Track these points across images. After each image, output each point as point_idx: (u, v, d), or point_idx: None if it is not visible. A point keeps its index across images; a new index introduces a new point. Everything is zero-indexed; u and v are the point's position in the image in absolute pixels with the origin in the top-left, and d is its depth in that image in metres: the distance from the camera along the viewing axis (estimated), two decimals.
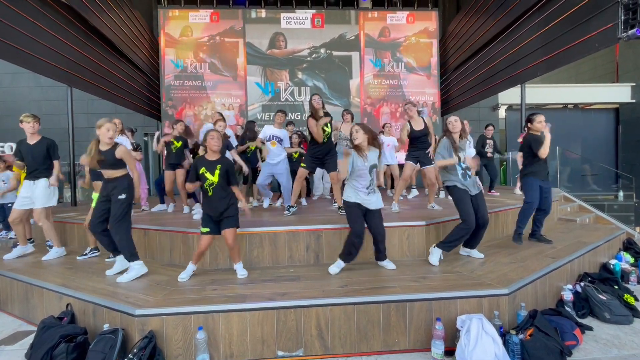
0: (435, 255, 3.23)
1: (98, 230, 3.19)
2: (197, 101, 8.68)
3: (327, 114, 4.15)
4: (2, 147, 8.50)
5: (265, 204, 4.99)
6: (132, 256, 3.09)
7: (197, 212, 4.21)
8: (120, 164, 3.11)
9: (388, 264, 3.18)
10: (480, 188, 3.30)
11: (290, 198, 4.44)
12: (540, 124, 3.70)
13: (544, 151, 3.60)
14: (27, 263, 3.74)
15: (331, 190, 5.43)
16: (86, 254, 3.83)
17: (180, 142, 4.82)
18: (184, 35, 8.68)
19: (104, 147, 3.09)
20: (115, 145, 3.12)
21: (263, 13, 8.86)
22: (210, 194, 2.94)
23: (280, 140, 4.61)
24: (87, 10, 5.52)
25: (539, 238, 3.94)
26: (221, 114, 4.83)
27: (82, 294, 2.76)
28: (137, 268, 3.10)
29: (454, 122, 3.28)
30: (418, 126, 4.44)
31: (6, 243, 4.99)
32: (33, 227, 4.54)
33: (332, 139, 4.47)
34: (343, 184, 3.29)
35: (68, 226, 4.48)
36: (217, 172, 2.93)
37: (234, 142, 4.75)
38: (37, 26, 4.60)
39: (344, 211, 4.04)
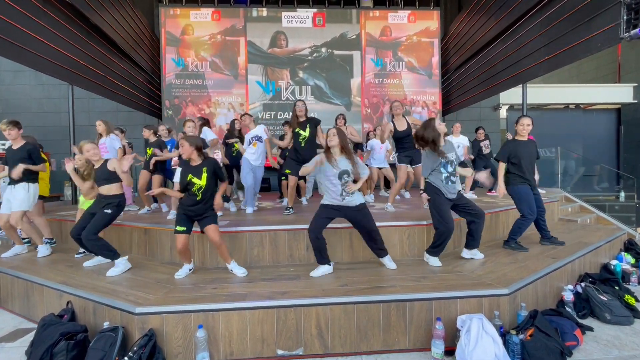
0: (432, 260, 3.23)
1: (75, 237, 3.27)
2: (199, 100, 8.68)
3: (311, 119, 4.22)
4: (3, 145, 8.51)
5: (249, 210, 4.60)
6: (114, 255, 3.22)
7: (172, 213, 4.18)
8: (114, 177, 3.25)
9: (389, 263, 3.15)
10: (460, 193, 3.24)
11: (252, 200, 4.61)
12: (523, 127, 3.63)
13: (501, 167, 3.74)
14: (28, 261, 3.75)
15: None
16: (81, 253, 3.82)
17: (151, 149, 4.73)
18: (185, 33, 8.67)
19: (96, 165, 3.30)
20: (106, 160, 3.29)
21: (264, 12, 8.85)
22: (199, 197, 2.95)
23: (259, 139, 4.53)
24: (89, 9, 5.52)
25: (553, 241, 3.89)
26: (192, 119, 4.80)
27: (82, 292, 2.77)
28: (123, 264, 3.23)
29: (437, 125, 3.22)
30: (401, 127, 4.43)
31: (7, 241, 4.99)
32: (32, 225, 4.53)
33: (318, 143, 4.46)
34: None
35: (69, 224, 4.48)
36: (204, 175, 2.95)
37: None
38: (39, 24, 4.60)
39: (287, 212, 4.19)
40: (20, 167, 3.72)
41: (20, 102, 8.98)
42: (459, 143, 5.79)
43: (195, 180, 2.94)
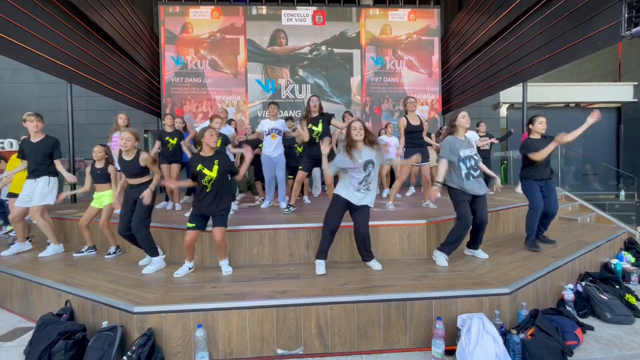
0: (440, 257, 3.22)
1: (125, 233, 3.30)
2: (198, 98, 8.66)
3: (324, 114, 4.19)
4: (2, 143, 8.48)
5: (265, 204, 4.75)
6: (153, 253, 3.25)
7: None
8: (144, 171, 3.23)
9: (374, 264, 3.13)
10: (485, 190, 3.20)
11: (284, 191, 4.56)
12: (541, 125, 3.65)
13: (539, 155, 3.52)
14: (27, 259, 3.73)
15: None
16: (82, 252, 3.82)
17: (175, 139, 4.81)
18: (184, 31, 8.64)
19: (127, 157, 3.20)
20: (138, 153, 3.20)
21: (264, 10, 8.82)
22: (209, 190, 2.96)
23: (279, 132, 4.61)
24: (87, 7, 5.50)
25: (542, 239, 3.89)
26: (219, 115, 4.81)
27: (81, 291, 2.75)
28: (159, 262, 3.26)
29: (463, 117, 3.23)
30: (414, 121, 4.44)
31: (5, 240, 4.98)
32: (32, 224, 4.52)
33: (332, 139, 4.46)
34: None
35: (68, 223, 4.47)
36: (215, 167, 2.96)
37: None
38: (38, 22, 4.57)
39: (287, 210, 4.19)
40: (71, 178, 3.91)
41: (18, 100, 8.96)
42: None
43: (205, 171, 2.95)
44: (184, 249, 3.09)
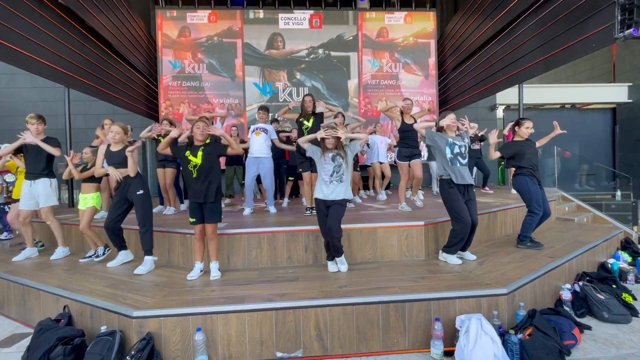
0: (451, 258, 3.25)
1: (112, 227, 3.39)
2: (195, 102, 8.67)
3: (317, 114, 4.33)
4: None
5: (247, 212, 4.51)
6: (150, 250, 3.33)
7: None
8: (127, 162, 3.32)
9: (332, 266, 3.18)
10: (472, 181, 3.24)
11: (272, 199, 4.68)
12: (527, 130, 3.75)
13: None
14: (24, 265, 3.71)
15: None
16: (90, 257, 3.79)
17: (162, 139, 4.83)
18: (181, 35, 8.66)
19: (114, 148, 3.38)
20: (126, 146, 3.37)
21: (261, 13, 8.85)
22: (194, 175, 3.02)
23: (265, 131, 4.58)
24: (84, 11, 5.50)
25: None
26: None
27: (79, 296, 2.74)
28: (150, 263, 3.33)
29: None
30: (409, 121, 4.49)
31: (4, 245, 4.95)
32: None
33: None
34: None
35: (65, 227, 4.44)
36: (199, 153, 3.02)
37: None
38: (34, 27, 4.57)
39: (308, 212, 4.24)
40: (37, 141, 3.75)
41: (15, 105, 8.93)
42: None
43: (191, 157, 3.03)
44: (193, 247, 3.16)
